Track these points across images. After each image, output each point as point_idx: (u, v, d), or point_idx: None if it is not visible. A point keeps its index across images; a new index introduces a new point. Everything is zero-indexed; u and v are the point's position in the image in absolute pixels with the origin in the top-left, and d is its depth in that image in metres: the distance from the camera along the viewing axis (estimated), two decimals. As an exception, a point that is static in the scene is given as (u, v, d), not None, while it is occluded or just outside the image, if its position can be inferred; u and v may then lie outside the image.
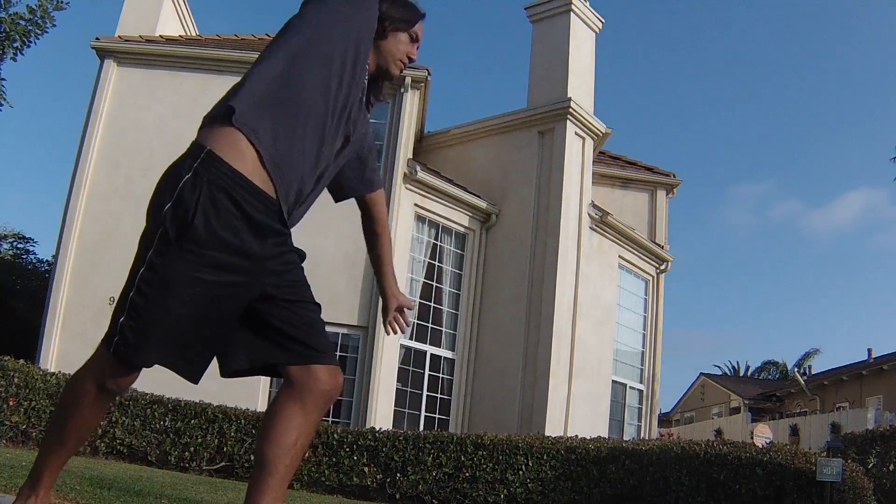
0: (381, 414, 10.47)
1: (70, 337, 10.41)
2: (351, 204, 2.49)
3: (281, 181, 1.83)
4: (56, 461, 1.92)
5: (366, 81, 2.09)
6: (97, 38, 11.30)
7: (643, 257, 14.23)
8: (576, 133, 12.23)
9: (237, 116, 1.80)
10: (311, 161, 1.91)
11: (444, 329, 11.90)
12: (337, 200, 2.36)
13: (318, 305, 2.01)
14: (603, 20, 13.23)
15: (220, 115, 1.83)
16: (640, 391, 14.06)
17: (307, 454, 8.03)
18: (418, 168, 11.19)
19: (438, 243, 12.04)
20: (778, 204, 71.25)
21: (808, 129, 68.59)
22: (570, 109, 11.93)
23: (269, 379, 10.48)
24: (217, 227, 1.73)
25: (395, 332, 2.45)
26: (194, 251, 1.72)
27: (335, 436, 8.11)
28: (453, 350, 11.90)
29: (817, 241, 70.19)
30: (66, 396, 1.90)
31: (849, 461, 7.54)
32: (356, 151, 2.20)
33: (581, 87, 12.54)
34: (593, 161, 13.10)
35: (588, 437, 8.34)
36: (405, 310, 2.43)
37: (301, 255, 2.04)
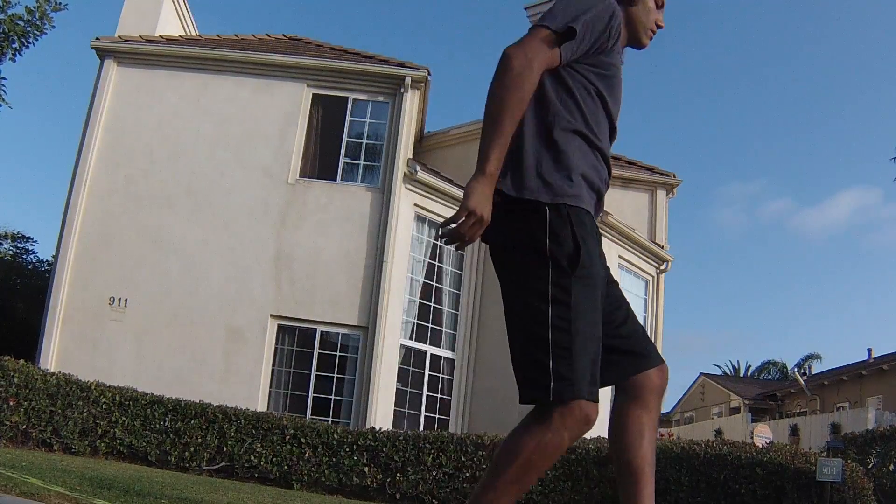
0: (381, 414, 10.46)
1: (70, 337, 10.41)
2: (351, 204, 2.50)
3: (596, 207, 2.04)
4: None
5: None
6: (97, 38, 11.29)
7: (643, 257, 14.23)
8: (576, 133, 12.22)
9: (558, 199, 1.88)
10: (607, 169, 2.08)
11: (444, 329, 11.90)
12: None
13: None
14: (603, 20, 13.21)
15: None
16: (640, 391, 14.04)
17: (307, 454, 8.03)
18: (418, 168, 11.19)
19: (438, 243, 12.04)
20: (770, 203, 71.22)
21: (801, 128, 68.61)
22: (570, 109, 11.91)
23: (268, 379, 10.48)
24: (592, 247, 1.90)
25: None
26: (585, 274, 1.85)
27: (335, 436, 8.11)
28: (453, 350, 11.90)
29: (811, 240, 70.19)
30: (533, 459, 1.84)
31: (849, 461, 7.54)
32: None
33: (581, 87, 12.51)
34: (593, 161, 13.08)
35: (588, 438, 8.34)
36: None
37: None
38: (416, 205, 11.50)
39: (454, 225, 1.80)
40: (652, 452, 2.01)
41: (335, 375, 10.69)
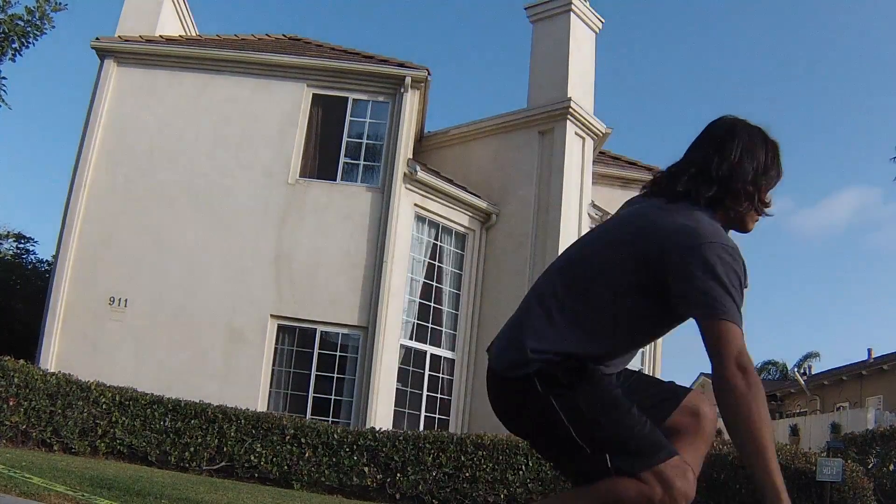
0: (381, 414, 10.46)
1: (70, 337, 10.40)
2: (351, 204, 2.47)
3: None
4: None
5: None
6: (97, 38, 11.29)
7: (643, 257, 14.21)
8: (576, 133, 12.23)
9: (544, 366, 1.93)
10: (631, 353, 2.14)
11: (444, 329, 11.89)
12: None
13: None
14: (603, 20, 13.22)
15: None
16: (640, 391, 14.04)
17: (307, 454, 8.03)
18: (418, 168, 11.19)
19: (438, 243, 12.04)
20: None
21: (800, 128, 68.64)
22: (570, 109, 11.93)
23: (268, 379, 10.48)
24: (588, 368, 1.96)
25: None
26: (587, 377, 1.93)
27: (335, 436, 8.12)
28: (453, 350, 11.90)
29: (810, 239, 70.09)
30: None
31: (849, 461, 7.55)
32: None
33: (581, 87, 12.53)
34: (593, 161, 13.09)
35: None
36: None
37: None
38: (416, 205, 11.50)
39: None
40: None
41: (335, 375, 10.69)
